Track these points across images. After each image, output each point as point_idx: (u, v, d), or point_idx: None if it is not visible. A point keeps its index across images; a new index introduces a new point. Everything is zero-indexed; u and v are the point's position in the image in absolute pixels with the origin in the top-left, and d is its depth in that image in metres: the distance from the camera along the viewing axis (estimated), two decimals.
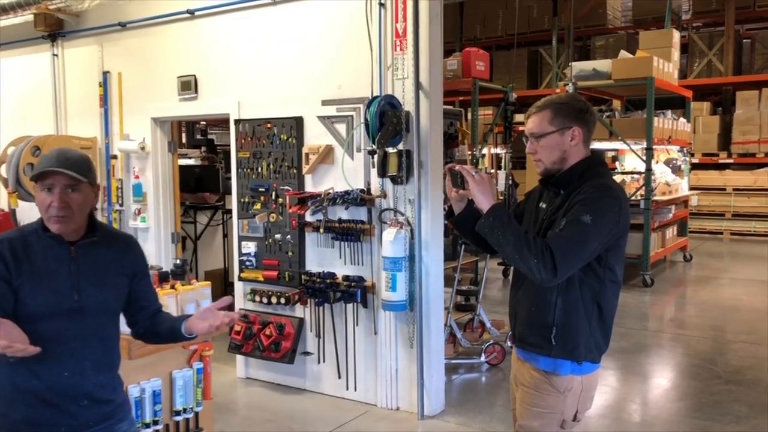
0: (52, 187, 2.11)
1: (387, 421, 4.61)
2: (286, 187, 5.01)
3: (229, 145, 5.41)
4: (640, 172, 9.07)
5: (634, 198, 8.64)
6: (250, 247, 5.23)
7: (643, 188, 8.63)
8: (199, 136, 12.96)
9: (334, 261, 4.88)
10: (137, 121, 5.97)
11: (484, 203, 2.31)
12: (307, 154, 4.89)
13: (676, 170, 10.76)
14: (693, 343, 6.41)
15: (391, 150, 4.49)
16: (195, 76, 5.51)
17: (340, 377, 4.94)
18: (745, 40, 13.50)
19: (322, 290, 4.82)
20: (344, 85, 4.76)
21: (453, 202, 2.52)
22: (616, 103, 10.89)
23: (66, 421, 2.17)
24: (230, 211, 6.27)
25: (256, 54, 5.17)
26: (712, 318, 7.28)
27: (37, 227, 2.19)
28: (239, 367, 5.44)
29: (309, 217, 4.92)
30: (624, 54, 9.31)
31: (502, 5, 14.68)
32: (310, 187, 4.96)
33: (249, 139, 5.17)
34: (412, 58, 4.44)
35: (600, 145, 9.04)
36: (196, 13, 5.45)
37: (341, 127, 4.81)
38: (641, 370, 5.71)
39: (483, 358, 5.60)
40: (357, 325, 4.85)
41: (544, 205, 2.47)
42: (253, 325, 5.16)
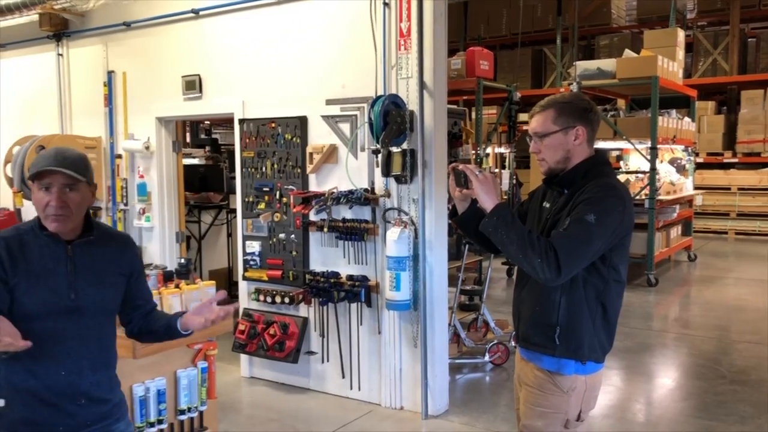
0: (50, 187, 2.10)
1: (391, 421, 4.61)
2: (291, 187, 5.02)
3: (233, 145, 5.42)
4: (644, 172, 9.06)
5: (638, 197, 8.61)
6: (255, 247, 5.23)
7: (648, 188, 8.61)
8: (203, 136, 12.97)
9: (338, 260, 4.88)
10: (142, 121, 5.99)
11: (488, 203, 2.30)
12: (311, 154, 4.90)
13: (681, 170, 10.74)
14: (697, 342, 6.39)
15: (395, 149, 4.49)
16: (199, 75, 5.53)
17: (344, 377, 4.95)
18: (750, 39, 13.48)
19: (326, 290, 4.82)
20: (348, 84, 4.76)
21: (456, 202, 2.52)
22: (621, 103, 10.86)
23: (64, 421, 2.17)
24: (234, 211, 6.30)
25: (261, 53, 5.18)
26: (716, 318, 7.27)
27: (33, 226, 2.18)
28: (243, 367, 5.45)
29: (313, 217, 4.92)
30: (628, 53, 9.29)
31: (506, 4, 14.67)
32: (314, 187, 4.97)
33: (253, 139, 5.18)
34: (417, 58, 4.44)
35: (604, 145, 9.04)
36: (201, 13, 5.47)
37: (345, 127, 4.82)
38: (645, 370, 5.70)
39: (487, 358, 5.60)
40: (361, 324, 4.85)
41: (548, 205, 2.47)
42: (257, 325, 5.17)
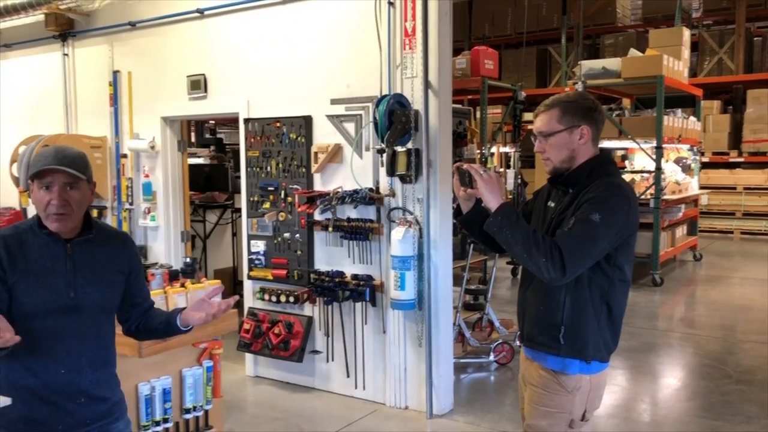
0: (51, 185, 2.09)
1: (396, 420, 4.62)
2: (295, 186, 5.03)
3: (238, 144, 5.42)
4: (649, 171, 9.04)
5: (643, 197, 8.60)
6: (260, 246, 5.24)
7: (653, 187, 8.59)
8: (208, 136, 13.00)
9: (342, 260, 4.89)
10: (147, 120, 6.00)
11: (493, 202, 2.30)
12: (316, 153, 4.90)
13: (686, 169, 10.71)
14: (703, 342, 6.38)
15: (399, 149, 4.49)
16: (204, 75, 5.53)
17: (348, 376, 4.95)
18: (756, 38, 13.42)
19: (331, 289, 4.83)
20: (353, 84, 4.76)
21: (461, 201, 2.52)
22: (626, 102, 10.84)
23: (63, 419, 2.16)
24: (239, 210, 6.30)
25: (266, 53, 5.19)
26: (722, 317, 7.25)
27: (32, 224, 2.17)
28: (248, 366, 5.46)
29: (318, 216, 4.93)
30: (634, 52, 9.26)
31: (511, 4, 14.65)
32: (319, 186, 4.97)
33: (258, 138, 5.19)
34: (421, 57, 4.44)
35: (610, 144, 9.02)
36: (206, 13, 5.47)
37: (350, 126, 4.82)
38: (651, 370, 5.69)
39: (492, 358, 5.60)
40: (366, 323, 4.86)
41: (553, 204, 2.46)
42: (262, 324, 5.17)
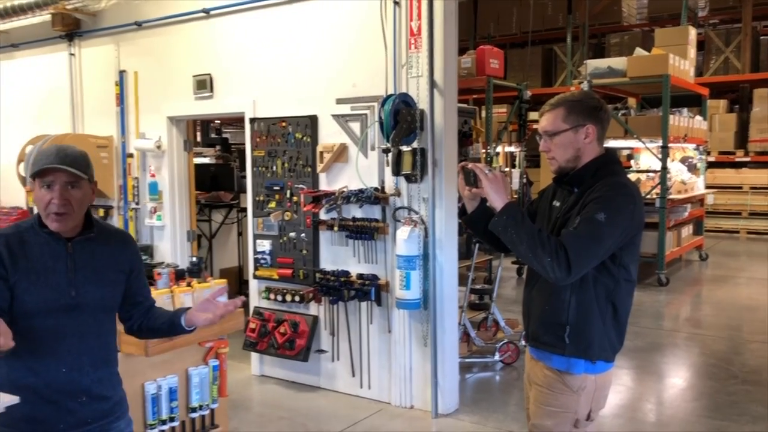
0: (52, 184, 2.09)
1: (401, 420, 4.62)
2: (301, 186, 5.03)
3: (243, 144, 5.43)
4: (655, 171, 9.02)
5: (649, 196, 8.58)
6: (265, 245, 5.25)
7: (659, 187, 8.58)
8: (213, 135, 13.02)
9: (348, 259, 4.89)
10: (153, 120, 6.02)
11: (498, 202, 2.30)
12: (322, 153, 4.91)
13: (692, 168, 10.68)
14: (709, 342, 6.36)
15: (405, 148, 4.49)
16: (210, 75, 5.55)
17: (354, 375, 4.96)
18: (762, 37, 13.37)
19: (337, 288, 4.83)
20: (359, 83, 4.77)
21: (466, 201, 2.51)
22: (632, 101, 10.81)
23: (65, 418, 2.16)
24: (245, 210, 6.31)
25: (271, 53, 5.19)
26: (728, 317, 7.23)
27: (33, 223, 2.17)
28: (254, 365, 5.47)
29: (323, 216, 4.94)
30: (639, 51, 9.24)
31: (516, 3, 14.63)
32: (324, 186, 4.98)
33: (264, 138, 5.20)
34: (427, 57, 4.44)
35: (615, 144, 9.00)
36: (212, 13, 5.49)
37: (355, 126, 4.82)
38: (656, 370, 5.68)
39: (497, 357, 5.59)
40: (371, 323, 4.86)
41: (558, 204, 2.46)
42: (267, 323, 5.19)
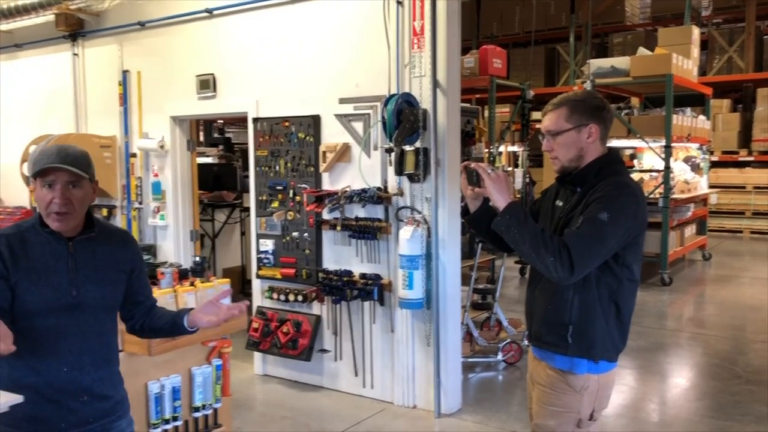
0: (54, 184, 2.09)
1: (404, 419, 4.62)
2: (304, 185, 5.04)
3: (246, 144, 5.44)
4: (658, 170, 9.00)
5: (652, 196, 8.58)
6: (268, 245, 5.26)
7: (662, 186, 8.56)
8: (216, 135, 13.03)
9: (351, 259, 4.89)
10: (156, 120, 6.02)
11: (501, 201, 2.30)
12: (325, 153, 4.91)
13: (695, 168, 10.67)
14: (712, 342, 6.35)
15: (408, 148, 4.49)
16: (213, 74, 5.55)
17: (356, 375, 4.96)
18: (766, 37, 13.34)
19: (339, 288, 4.84)
20: (361, 83, 4.77)
21: (468, 200, 2.51)
22: (635, 101, 10.80)
23: (66, 417, 2.17)
24: (248, 209, 6.31)
25: (274, 52, 5.20)
26: (731, 317, 7.22)
27: (34, 223, 2.17)
28: (257, 364, 5.48)
29: (326, 215, 4.94)
30: (642, 51, 9.23)
31: (519, 3, 14.62)
32: (327, 185, 4.98)
33: (267, 138, 5.20)
34: (430, 56, 4.44)
35: (618, 143, 8.99)
36: (214, 13, 5.49)
37: (358, 126, 4.82)
38: (659, 370, 5.68)
39: (500, 357, 5.59)
40: (374, 322, 4.86)
41: (561, 203, 2.46)
42: (270, 323, 5.19)
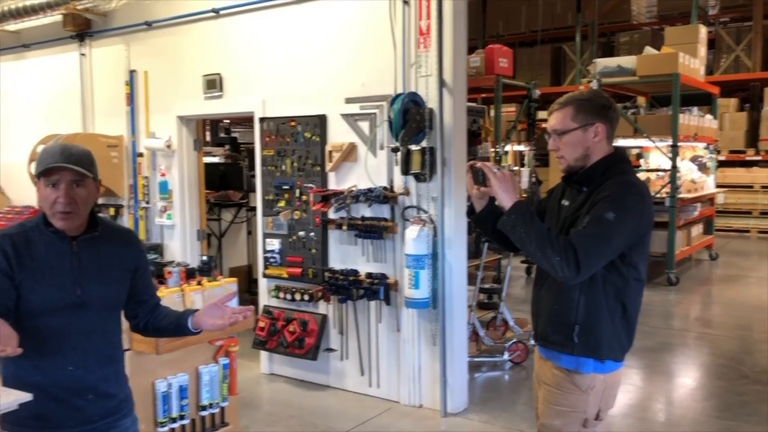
0: (58, 183, 2.08)
1: (410, 418, 4.63)
2: (310, 185, 5.05)
3: (252, 144, 5.45)
4: (665, 170, 8.98)
5: (659, 196, 8.55)
6: (274, 244, 5.27)
7: (669, 186, 8.54)
8: (222, 135, 13.05)
9: (357, 258, 4.90)
10: (163, 120, 6.04)
11: (506, 200, 2.29)
12: (331, 152, 4.92)
13: (702, 167, 10.63)
14: (719, 342, 6.34)
15: (414, 147, 4.49)
16: (220, 74, 5.57)
17: (363, 374, 4.97)
18: None
19: (345, 287, 4.84)
20: (368, 82, 4.78)
21: (474, 200, 2.50)
22: (641, 100, 10.77)
23: (72, 416, 2.17)
24: (254, 209, 6.33)
25: (280, 52, 5.21)
26: (738, 317, 7.19)
27: (38, 222, 2.17)
28: (263, 363, 5.49)
29: (332, 215, 4.94)
30: (649, 50, 9.20)
31: (525, 2, 14.59)
32: (333, 185, 4.99)
33: (273, 137, 5.21)
34: (436, 56, 4.44)
35: (625, 143, 8.97)
36: (221, 12, 5.51)
37: (364, 125, 4.83)
38: (666, 369, 5.66)
39: (506, 357, 5.59)
40: (380, 322, 4.87)
41: (567, 203, 2.46)
42: (277, 322, 5.20)
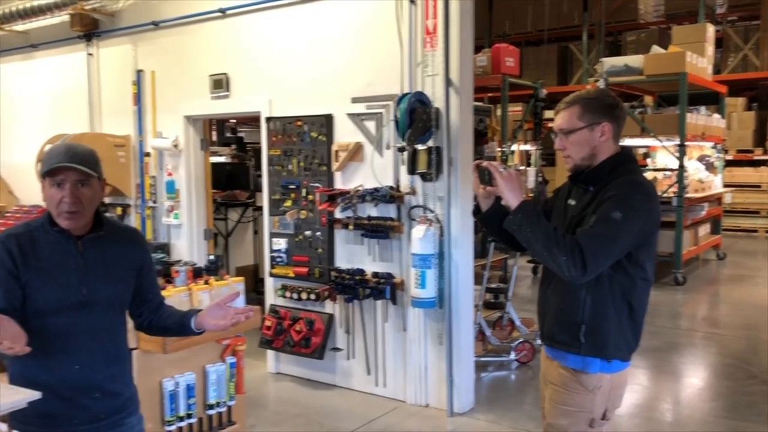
0: (63, 183, 2.09)
1: (416, 418, 4.63)
2: (316, 184, 5.05)
3: (258, 143, 5.47)
4: (672, 169, 8.95)
5: (666, 195, 8.53)
6: (281, 244, 5.28)
7: (676, 185, 8.51)
8: (228, 134, 13.07)
9: (363, 258, 4.90)
10: (170, 119, 6.06)
11: (513, 200, 2.29)
12: (337, 152, 4.93)
13: (710, 167, 10.59)
14: (727, 342, 6.32)
15: (420, 147, 4.49)
16: (227, 74, 5.58)
17: (369, 373, 4.97)
18: None
19: (352, 287, 4.85)
20: (374, 82, 4.78)
21: (480, 199, 2.50)
22: (648, 99, 10.74)
23: (78, 414, 2.18)
24: (260, 208, 6.34)
25: (287, 52, 5.22)
26: (746, 317, 7.16)
27: (43, 222, 2.17)
28: (270, 362, 5.50)
29: (338, 214, 4.95)
30: (656, 49, 9.17)
31: (531, 1, 14.54)
32: (339, 185, 4.99)
33: (280, 137, 5.22)
34: (443, 55, 4.44)
35: (631, 142, 8.94)
36: (228, 12, 5.52)
37: (371, 125, 4.83)
38: (673, 369, 5.65)
39: (513, 356, 5.59)
40: (386, 321, 4.87)
41: (573, 202, 2.45)
42: (283, 321, 5.21)
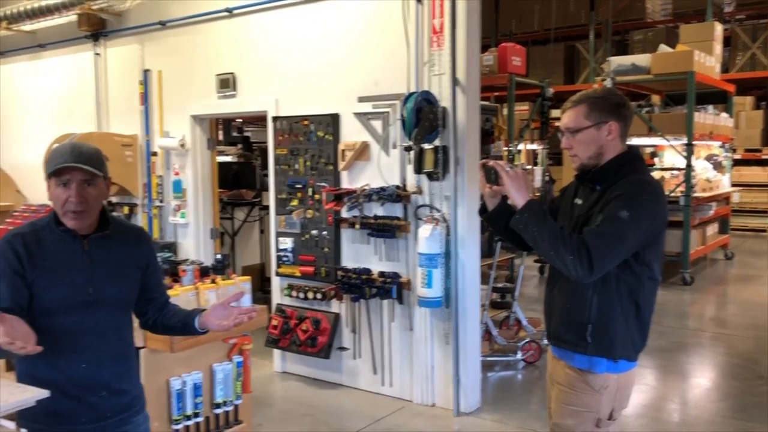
0: (69, 183, 2.09)
1: (423, 417, 4.63)
2: (323, 184, 5.06)
3: (265, 143, 5.47)
4: (680, 169, 8.92)
5: (673, 194, 8.50)
6: (287, 243, 5.28)
7: (683, 185, 8.48)
8: (235, 134, 13.09)
9: (369, 257, 4.90)
10: (177, 119, 6.07)
11: (519, 199, 2.28)
12: (344, 151, 4.93)
13: (718, 166, 10.55)
14: (735, 342, 6.29)
15: (427, 146, 4.49)
16: (233, 74, 5.59)
17: (375, 373, 4.97)
18: None
19: (358, 286, 4.85)
20: (380, 81, 4.78)
21: (486, 198, 2.50)
22: (656, 98, 10.70)
23: (86, 412, 2.19)
24: (267, 207, 6.34)
25: (294, 51, 5.22)
26: (754, 317, 7.13)
27: (49, 221, 2.18)
28: (276, 362, 5.51)
29: (345, 214, 4.95)
30: (663, 48, 9.13)
31: (538, 0, 14.53)
32: (346, 184, 4.99)
33: (286, 136, 5.23)
34: (449, 54, 4.43)
35: (639, 141, 8.91)
36: (235, 12, 5.53)
37: (377, 124, 4.83)
38: (681, 369, 5.63)
39: (519, 356, 5.58)
40: (392, 321, 4.87)
41: (580, 201, 2.44)
42: (289, 320, 5.22)
